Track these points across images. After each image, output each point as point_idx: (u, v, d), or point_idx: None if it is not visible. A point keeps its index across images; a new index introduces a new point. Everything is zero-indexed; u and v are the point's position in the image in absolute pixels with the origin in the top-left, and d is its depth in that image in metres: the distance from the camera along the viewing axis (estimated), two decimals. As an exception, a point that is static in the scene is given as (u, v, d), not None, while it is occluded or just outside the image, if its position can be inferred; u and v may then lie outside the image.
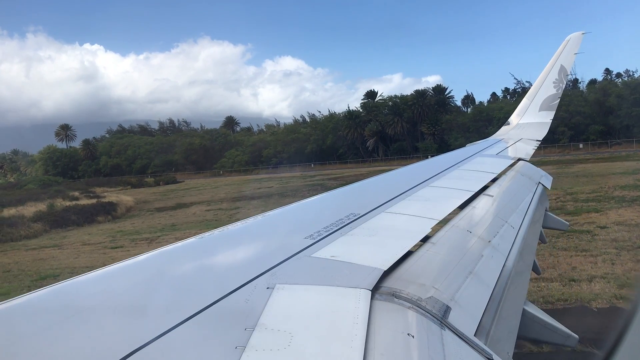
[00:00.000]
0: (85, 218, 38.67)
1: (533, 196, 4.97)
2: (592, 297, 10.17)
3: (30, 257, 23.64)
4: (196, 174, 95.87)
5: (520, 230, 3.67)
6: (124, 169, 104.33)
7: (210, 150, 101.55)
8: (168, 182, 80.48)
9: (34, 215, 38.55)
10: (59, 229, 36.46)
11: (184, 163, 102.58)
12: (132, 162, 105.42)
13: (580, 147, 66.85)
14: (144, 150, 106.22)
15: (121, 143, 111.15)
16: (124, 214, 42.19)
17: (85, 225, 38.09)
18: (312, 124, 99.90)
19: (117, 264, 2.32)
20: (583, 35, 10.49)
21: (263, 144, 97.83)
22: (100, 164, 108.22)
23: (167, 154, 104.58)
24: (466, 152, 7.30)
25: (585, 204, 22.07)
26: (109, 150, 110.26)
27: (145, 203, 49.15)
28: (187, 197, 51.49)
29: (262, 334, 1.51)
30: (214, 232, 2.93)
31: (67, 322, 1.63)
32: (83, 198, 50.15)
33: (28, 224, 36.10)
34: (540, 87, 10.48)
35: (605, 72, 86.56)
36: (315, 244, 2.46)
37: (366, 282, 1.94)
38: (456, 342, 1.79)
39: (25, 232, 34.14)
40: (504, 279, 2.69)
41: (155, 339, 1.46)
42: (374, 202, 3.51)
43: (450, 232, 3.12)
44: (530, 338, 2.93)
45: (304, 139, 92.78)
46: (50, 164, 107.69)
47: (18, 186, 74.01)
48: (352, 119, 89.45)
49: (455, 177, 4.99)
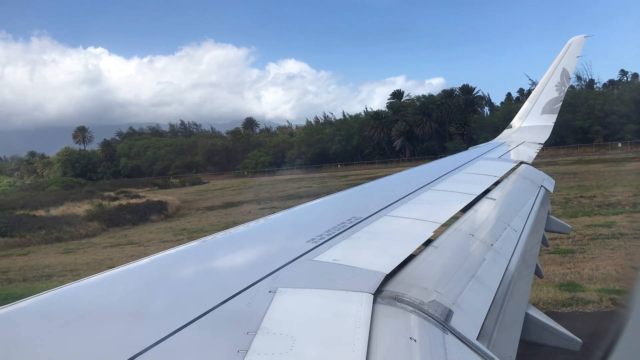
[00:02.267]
0: (140, 217, 38.03)
1: (535, 199, 4.94)
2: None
3: (122, 254, 22.87)
4: (217, 175, 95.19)
5: (523, 233, 3.65)
6: (144, 171, 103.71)
7: (232, 152, 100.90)
8: (194, 183, 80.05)
9: (88, 214, 37.88)
10: (115, 227, 35.98)
11: (205, 164, 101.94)
12: (152, 163, 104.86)
13: (619, 146, 65.94)
14: (164, 152, 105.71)
15: (140, 144, 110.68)
16: (175, 213, 41.52)
17: (140, 223, 37.50)
18: (337, 125, 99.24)
19: (120, 268, 2.30)
20: (585, 39, 10.43)
21: (286, 144, 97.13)
22: (120, 166, 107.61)
23: (187, 155, 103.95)
24: (468, 156, 7.27)
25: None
26: (128, 151, 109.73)
27: (188, 203, 48.41)
28: (228, 197, 50.73)
29: (264, 337, 1.51)
30: (217, 235, 2.92)
31: (69, 325, 1.63)
32: (123, 198, 49.50)
33: (84, 222, 35.44)
34: (542, 90, 10.42)
35: (620, 72, 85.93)
36: (317, 247, 2.45)
37: (368, 285, 1.93)
38: (458, 346, 1.78)
39: (85, 230, 33.49)
40: (507, 283, 2.69)
41: (157, 343, 1.45)
42: (376, 205, 3.49)
43: (453, 236, 3.11)
44: (533, 342, 2.90)
45: (328, 139, 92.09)
46: (69, 166, 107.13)
47: (40, 187, 73.44)
48: (379, 119, 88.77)
49: (457, 180, 4.97)
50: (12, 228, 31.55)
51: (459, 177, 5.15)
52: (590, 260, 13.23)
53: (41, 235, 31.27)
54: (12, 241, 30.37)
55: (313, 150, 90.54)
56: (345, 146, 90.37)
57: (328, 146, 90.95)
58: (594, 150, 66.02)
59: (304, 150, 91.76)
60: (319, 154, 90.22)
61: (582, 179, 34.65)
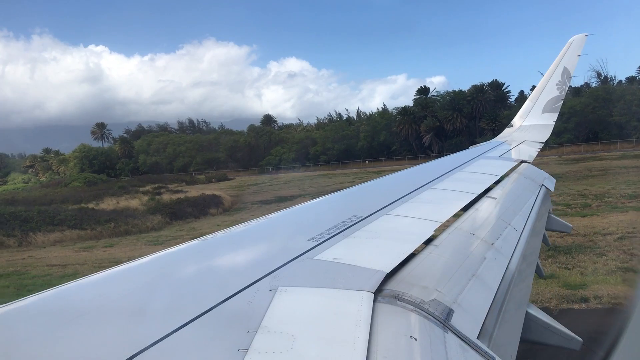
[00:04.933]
0: (200, 210, 37.22)
1: (536, 198, 4.93)
2: None
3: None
4: (240, 172, 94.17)
5: (524, 232, 3.63)
6: (163, 167, 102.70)
7: (254, 148, 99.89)
8: (220, 179, 79.47)
9: (147, 208, 36.94)
10: (178, 220, 35.07)
11: (226, 160, 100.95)
12: (172, 160, 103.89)
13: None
14: (184, 149, 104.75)
15: (159, 141, 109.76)
16: (231, 207, 40.64)
17: (201, 217, 36.59)
18: (363, 121, 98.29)
19: (120, 267, 2.29)
20: (586, 37, 10.37)
21: (309, 141, 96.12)
22: (139, 162, 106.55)
23: (208, 151, 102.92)
24: (469, 154, 7.28)
25: None
26: (146, 148, 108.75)
27: (235, 197, 47.35)
28: (273, 192, 49.67)
29: (264, 336, 1.50)
30: (217, 234, 2.90)
31: (69, 324, 1.63)
32: (165, 192, 48.51)
33: (146, 216, 34.51)
34: (543, 89, 10.34)
35: (638, 70, 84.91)
36: (318, 246, 2.44)
37: (369, 284, 1.92)
38: (459, 345, 1.77)
39: (151, 223, 32.59)
40: (507, 282, 2.67)
41: (158, 342, 1.45)
42: (376, 204, 3.47)
43: (453, 235, 3.09)
44: (533, 341, 2.88)
45: (353, 135, 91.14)
46: (86, 163, 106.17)
47: (62, 184, 72.38)
48: (407, 115, 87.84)
49: (458, 179, 4.96)
50: (81, 221, 30.54)
51: (459, 176, 5.13)
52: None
53: (110, 227, 30.35)
54: (83, 233, 29.56)
55: (339, 146, 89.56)
56: (371, 142, 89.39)
57: (353, 142, 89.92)
58: (631, 146, 65.19)
59: (329, 146, 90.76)
60: (344, 150, 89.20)
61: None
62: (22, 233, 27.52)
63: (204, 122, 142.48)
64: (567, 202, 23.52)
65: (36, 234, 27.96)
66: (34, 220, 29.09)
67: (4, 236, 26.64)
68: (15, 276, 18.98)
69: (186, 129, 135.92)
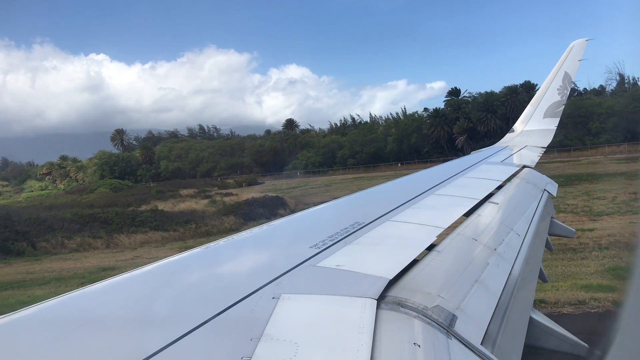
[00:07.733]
0: (270, 211, 36.24)
1: (539, 203, 4.91)
2: None
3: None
4: (265, 176, 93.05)
5: (526, 237, 3.62)
6: (185, 173, 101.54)
7: (280, 152, 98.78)
8: (250, 183, 79.12)
9: (219, 210, 35.97)
10: (251, 221, 34.02)
11: (250, 165, 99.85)
12: (195, 165, 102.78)
13: None
14: (207, 154, 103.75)
15: (180, 147, 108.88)
16: (296, 208, 39.50)
17: (272, 217, 35.42)
18: (392, 123, 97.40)
19: (125, 275, 2.29)
20: (587, 42, 10.29)
21: (336, 144, 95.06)
22: (161, 168, 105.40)
23: (232, 156, 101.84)
24: (471, 160, 7.29)
25: None
26: (168, 154, 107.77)
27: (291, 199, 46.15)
28: (321, 195, 48.52)
29: (267, 344, 1.50)
30: (220, 242, 2.89)
31: (76, 332, 1.64)
32: (215, 196, 47.41)
33: (220, 217, 33.50)
34: (544, 94, 10.26)
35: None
36: (320, 253, 2.44)
37: (372, 291, 1.92)
38: (462, 351, 1.76)
39: (228, 225, 31.57)
40: (511, 287, 2.65)
41: (162, 349, 1.46)
42: (378, 210, 3.46)
43: (456, 241, 3.08)
44: (537, 346, 2.84)
45: (381, 138, 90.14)
46: (107, 169, 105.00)
47: (88, 190, 71.31)
48: (438, 117, 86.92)
49: (460, 185, 4.94)
50: (162, 222, 29.40)
51: (461, 182, 5.11)
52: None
53: (192, 229, 29.26)
54: (167, 235, 28.62)
55: (368, 149, 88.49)
56: (400, 145, 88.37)
57: (381, 145, 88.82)
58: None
59: (357, 149, 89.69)
60: (372, 153, 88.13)
61: None
62: (107, 234, 26.38)
63: (215, 128, 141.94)
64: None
65: (119, 235, 26.80)
66: (114, 222, 27.96)
67: (90, 237, 25.55)
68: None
69: (196, 135, 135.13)
